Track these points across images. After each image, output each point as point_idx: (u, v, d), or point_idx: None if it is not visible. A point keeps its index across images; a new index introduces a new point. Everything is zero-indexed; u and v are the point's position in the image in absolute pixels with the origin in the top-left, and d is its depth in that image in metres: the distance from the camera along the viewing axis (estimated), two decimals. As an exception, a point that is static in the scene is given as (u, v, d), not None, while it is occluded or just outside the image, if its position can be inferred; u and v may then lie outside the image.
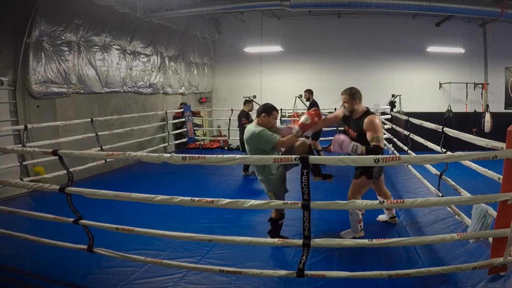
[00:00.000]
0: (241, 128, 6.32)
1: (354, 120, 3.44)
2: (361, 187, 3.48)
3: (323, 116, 3.56)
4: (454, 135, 3.67)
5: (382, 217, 4.04)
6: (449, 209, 4.10)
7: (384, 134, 8.74)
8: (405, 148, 6.17)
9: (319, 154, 6.09)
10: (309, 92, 7.27)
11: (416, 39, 10.40)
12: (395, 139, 7.72)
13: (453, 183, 3.98)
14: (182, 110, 9.67)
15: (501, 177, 2.35)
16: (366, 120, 3.29)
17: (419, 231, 3.77)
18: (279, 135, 3.27)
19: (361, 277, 2.50)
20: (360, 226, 3.58)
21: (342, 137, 3.20)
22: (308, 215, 2.31)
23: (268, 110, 3.34)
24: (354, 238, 3.48)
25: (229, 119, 9.26)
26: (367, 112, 3.38)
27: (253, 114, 4.64)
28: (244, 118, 6.42)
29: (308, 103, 7.23)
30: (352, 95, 3.38)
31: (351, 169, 6.31)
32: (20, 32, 5.49)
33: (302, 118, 3.28)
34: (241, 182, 6.07)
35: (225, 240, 3.12)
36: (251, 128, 3.33)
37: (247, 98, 7.04)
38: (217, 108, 11.21)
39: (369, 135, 3.22)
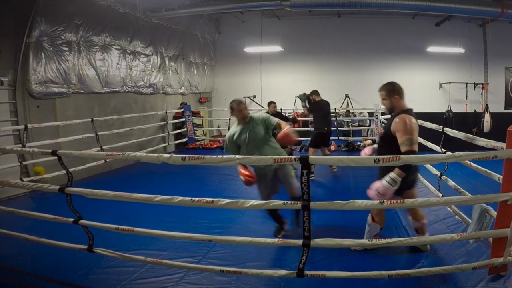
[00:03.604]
0: None
1: (391, 118, 2.97)
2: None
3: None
4: (454, 135, 3.67)
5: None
6: (449, 209, 4.10)
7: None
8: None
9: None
10: (312, 94, 6.55)
11: (416, 39, 10.39)
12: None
13: (453, 183, 3.98)
14: (182, 110, 9.67)
15: (501, 177, 2.35)
16: (396, 119, 2.81)
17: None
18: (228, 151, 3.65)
19: (361, 277, 2.50)
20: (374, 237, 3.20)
21: (374, 188, 2.75)
22: (308, 215, 2.31)
23: (230, 108, 3.62)
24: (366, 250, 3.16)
25: (229, 119, 9.24)
26: (404, 111, 2.86)
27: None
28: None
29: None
30: (390, 90, 2.93)
31: (351, 169, 6.35)
32: (20, 32, 5.49)
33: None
34: (241, 182, 6.05)
35: (225, 240, 3.12)
36: None
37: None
38: (217, 108, 11.21)
39: (399, 137, 2.73)
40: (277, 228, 3.69)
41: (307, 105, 6.61)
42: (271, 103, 6.78)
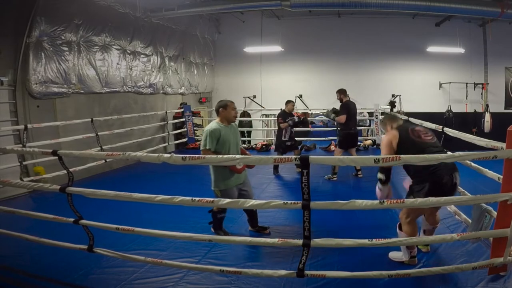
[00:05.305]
0: (278, 127, 6.60)
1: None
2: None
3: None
4: (454, 135, 3.67)
5: (396, 256, 3.12)
6: (449, 209, 4.10)
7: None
8: (405, 148, 6.13)
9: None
10: (340, 93, 6.39)
11: (416, 39, 10.39)
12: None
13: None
14: (182, 110, 9.67)
15: (501, 177, 2.35)
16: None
17: (419, 231, 3.76)
18: (212, 147, 3.41)
19: (361, 277, 2.50)
20: (410, 252, 3.01)
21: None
22: (308, 215, 2.31)
23: (224, 105, 3.58)
24: (402, 263, 3.02)
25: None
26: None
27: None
28: (280, 117, 6.54)
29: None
30: (382, 122, 3.49)
31: (351, 170, 6.36)
32: (20, 32, 5.49)
33: None
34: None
35: (225, 240, 3.13)
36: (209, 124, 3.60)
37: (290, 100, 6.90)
38: (217, 108, 11.21)
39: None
40: (223, 233, 3.74)
41: (335, 118, 6.30)
42: (289, 102, 6.62)
